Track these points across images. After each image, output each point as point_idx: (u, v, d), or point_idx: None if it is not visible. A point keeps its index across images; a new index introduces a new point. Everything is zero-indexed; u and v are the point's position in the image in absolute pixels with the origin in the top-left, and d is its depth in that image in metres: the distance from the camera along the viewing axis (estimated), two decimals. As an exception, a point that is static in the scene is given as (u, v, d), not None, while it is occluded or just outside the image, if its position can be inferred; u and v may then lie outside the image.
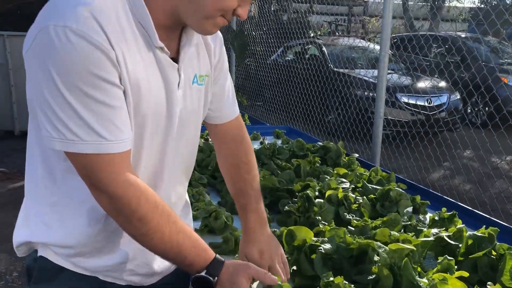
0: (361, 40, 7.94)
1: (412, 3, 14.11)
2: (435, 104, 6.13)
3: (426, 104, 6.09)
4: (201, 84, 1.15)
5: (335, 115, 6.52)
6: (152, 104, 1.00)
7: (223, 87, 1.27)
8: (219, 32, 1.19)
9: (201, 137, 2.86)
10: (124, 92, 0.94)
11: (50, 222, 1.06)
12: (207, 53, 1.17)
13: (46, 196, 1.05)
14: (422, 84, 6.22)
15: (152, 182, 1.08)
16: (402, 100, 6.03)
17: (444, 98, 6.31)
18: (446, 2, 13.89)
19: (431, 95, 6.10)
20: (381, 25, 3.12)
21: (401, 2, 11.81)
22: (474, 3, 15.19)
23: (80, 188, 0.98)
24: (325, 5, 10.58)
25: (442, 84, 6.53)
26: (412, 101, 6.00)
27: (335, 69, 6.70)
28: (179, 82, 1.06)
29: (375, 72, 6.25)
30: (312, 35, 9.06)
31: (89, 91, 0.88)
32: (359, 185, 1.88)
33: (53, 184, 1.03)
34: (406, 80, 6.43)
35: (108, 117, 0.91)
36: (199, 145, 2.37)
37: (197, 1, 0.94)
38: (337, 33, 12.46)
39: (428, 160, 4.30)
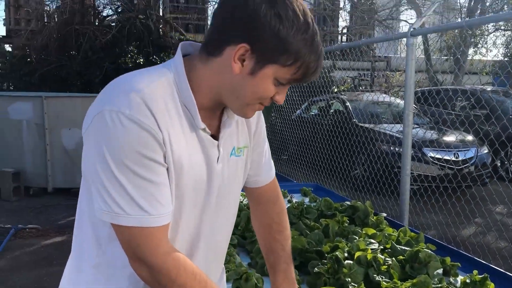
0: (385, 95, 8.05)
1: (435, 57, 14.29)
2: (463, 158, 6.08)
3: (453, 158, 6.05)
4: (239, 155, 1.21)
5: (361, 170, 6.53)
6: (192, 179, 1.08)
7: (261, 153, 1.33)
8: None
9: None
10: (168, 169, 1.02)
11: (92, 283, 1.12)
12: (246, 126, 1.24)
13: (91, 257, 1.12)
14: (449, 138, 6.22)
15: (188, 251, 1.14)
16: (429, 155, 6.01)
17: (471, 153, 6.25)
18: (469, 55, 14.02)
19: (458, 149, 6.07)
20: (405, 84, 3.20)
21: (424, 56, 11.99)
22: (497, 56, 15.25)
23: (123, 254, 1.04)
24: (348, 61, 10.80)
25: (469, 138, 6.50)
26: (439, 156, 5.98)
27: (359, 124, 6.78)
28: (218, 157, 1.13)
29: (400, 126, 6.32)
30: (335, 90, 9.25)
31: (136, 169, 0.96)
32: (388, 246, 1.89)
33: (98, 248, 1.11)
34: (432, 134, 6.43)
35: (152, 193, 0.98)
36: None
37: (238, 91, 1.03)
38: (360, 88, 12.65)
39: (458, 216, 4.23)
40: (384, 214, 2.39)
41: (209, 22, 13.39)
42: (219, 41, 1.02)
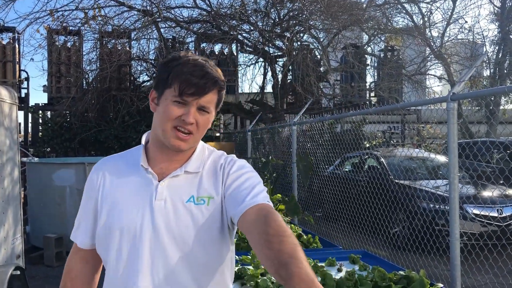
0: (420, 150, 8.00)
1: (465, 107, 14.22)
2: (508, 214, 5.91)
3: (497, 214, 5.88)
4: (199, 203, 1.35)
5: (400, 228, 6.41)
6: (123, 217, 1.34)
7: (236, 188, 1.38)
8: (222, 159, 1.46)
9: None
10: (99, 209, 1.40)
11: None
12: (216, 179, 1.41)
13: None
14: (489, 193, 6.09)
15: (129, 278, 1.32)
16: (471, 212, 5.87)
17: (516, 208, 6.07)
18: (501, 105, 13.90)
19: (502, 205, 5.92)
20: (448, 148, 3.22)
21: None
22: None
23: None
24: (378, 115, 10.82)
25: (511, 192, 6.34)
26: (481, 212, 5.83)
27: (396, 181, 6.71)
28: (155, 195, 1.34)
29: (441, 182, 6.23)
30: (367, 145, 9.25)
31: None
32: (452, 322, 1.86)
33: None
34: (471, 190, 6.29)
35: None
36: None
37: (158, 123, 1.35)
38: (392, 141, 12.62)
39: (510, 276, 4.08)
40: (441, 285, 2.35)
41: (239, 84, 13.66)
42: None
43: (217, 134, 13.40)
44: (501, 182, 6.32)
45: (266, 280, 2.32)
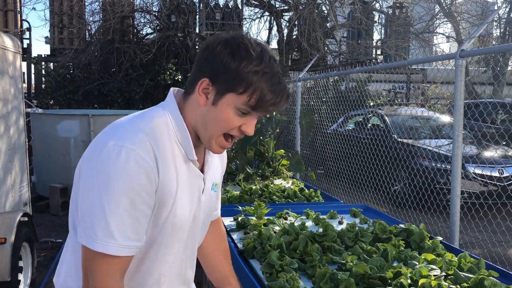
0: (424, 110, 7.97)
1: (472, 68, 14.03)
2: (509, 174, 5.95)
3: (498, 174, 5.93)
4: (215, 191, 1.40)
5: (401, 186, 6.48)
6: (180, 209, 1.20)
7: (219, 189, 1.52)
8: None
9: (281, 217, 2.96)
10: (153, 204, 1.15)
11: None
12: (221, 164, 1.45)
13: None
14: (491, 153, 6.11)
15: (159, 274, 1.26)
16: (472, 171, 5.91)
17: (516, 168, 6.11)
18: (509, 66, 13.70)
19: (503, 166, 5.95)
20: (453, 105, 3.20)
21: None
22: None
23: None
24: (383, 74, 10.68)
25: (512, 153, 6.36)
26: (482, 172, 5.87)
27: (399, 139, 6.73)
28: (203, 189, 1.29)
29: (440, 141, 6.25)
30: (372, 104, 9.20)
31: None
32: (450, 272, 1.91)
33: None
34: (473, 149, 6.31)
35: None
36: (284, 227, 2.49)
37: (206, 122, 1.16)
38: (397, 101, 12.54)
39: (508, 233, 4.15)
40: (440, 238, 2.39)
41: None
42: (192, 80, 1.19)
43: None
44: (504, 143, 6.33)
45: (269, 229, 2.37)
